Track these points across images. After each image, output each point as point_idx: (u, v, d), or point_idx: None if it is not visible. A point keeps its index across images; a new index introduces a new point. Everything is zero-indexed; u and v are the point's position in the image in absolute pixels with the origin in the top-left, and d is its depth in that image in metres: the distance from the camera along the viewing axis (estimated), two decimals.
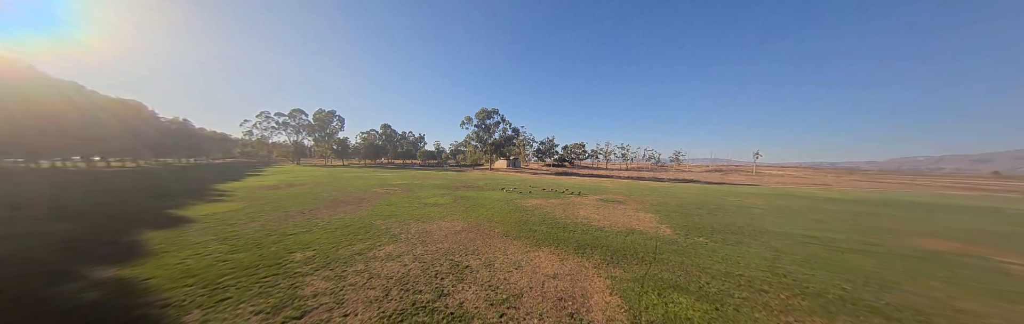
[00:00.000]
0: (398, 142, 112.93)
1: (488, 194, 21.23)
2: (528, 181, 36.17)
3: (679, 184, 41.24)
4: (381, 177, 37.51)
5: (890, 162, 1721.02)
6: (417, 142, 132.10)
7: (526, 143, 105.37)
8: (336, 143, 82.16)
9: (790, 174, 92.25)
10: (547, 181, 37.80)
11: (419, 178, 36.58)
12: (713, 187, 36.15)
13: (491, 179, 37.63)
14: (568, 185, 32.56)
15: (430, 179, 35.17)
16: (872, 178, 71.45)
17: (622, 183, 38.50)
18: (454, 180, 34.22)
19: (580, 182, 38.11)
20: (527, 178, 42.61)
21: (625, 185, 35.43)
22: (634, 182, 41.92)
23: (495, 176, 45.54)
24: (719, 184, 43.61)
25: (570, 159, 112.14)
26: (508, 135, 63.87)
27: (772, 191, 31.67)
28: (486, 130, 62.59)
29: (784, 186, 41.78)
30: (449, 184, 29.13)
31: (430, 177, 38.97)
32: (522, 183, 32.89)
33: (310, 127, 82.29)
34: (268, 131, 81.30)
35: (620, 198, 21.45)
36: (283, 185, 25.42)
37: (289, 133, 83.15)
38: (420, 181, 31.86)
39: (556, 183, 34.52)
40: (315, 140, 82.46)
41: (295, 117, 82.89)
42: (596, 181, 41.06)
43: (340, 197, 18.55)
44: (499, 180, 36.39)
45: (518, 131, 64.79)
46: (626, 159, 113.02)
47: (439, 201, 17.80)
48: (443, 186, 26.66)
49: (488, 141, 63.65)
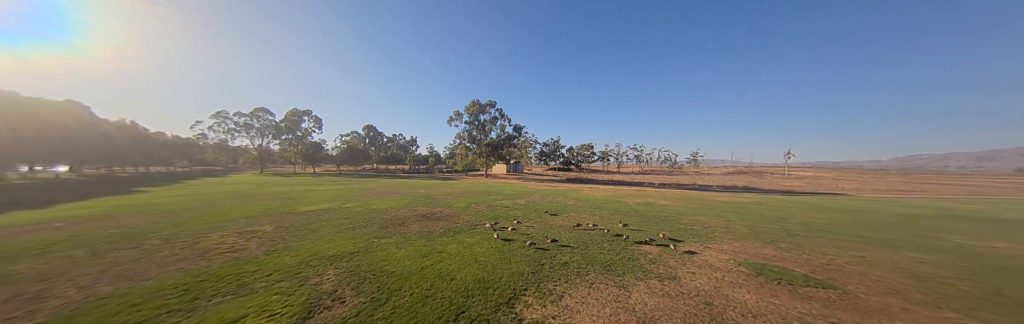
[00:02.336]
0: (385, 145, 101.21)
1: (451, 251, 9.09)
2: (537, 195, 24.06)
3: (755, 196, 29.06)
4: (306, 193, 25.51)
5: (894, 161, 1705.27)
6: (408, 146, 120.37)
7: (528, 144, 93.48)
8: (307, 147, 70.44)
9: (826, 176, 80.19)
10: (563, 192, 25.84)
11: (372, 194, 24.59)
12: (822, 201, 24.05)
13: (482, 192, 25.75)
14: (602, 203, 20.45)
15: (388, 195, 23.22)
16: (916, 180, 59.31)
17: (677, 196, 26.35)
18: (424, 197, 22.26)
19: (611, 195, 26.00)
20: (533, 188, 30.66)
21: (695, 201, 23.29)
22: (688, 193, 29.82)
23: (490, 186, 33.59)
24: (804, 194, 31.52)
25: (577, 162, 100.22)
26: (508, 134, 52.16)
27: (907, 205, 19.42)
28: (480, 128, 50.78)
29: (883, 195, 29.61)
30: (401, 210, 17.05)
31: (395, 190, 27.04)
32: (528, 200, 20.78)
33: (277, 129, 70.59)
34: (228, 134, 69.67)
35: (782, 254, 9.28)
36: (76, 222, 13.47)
37: (252, 136, 71.52)
38: (359, 202, 19.87)
39: (581, 198, 22.40)
40: (281, 144, 70.73)
41: (259, 117, 71.30)
42: (636, 194, 28.92)
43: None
44: (494, 193, 24.43)
45: (520, 130, 53.09)
46: (640, 161, 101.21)
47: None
48: (372, 221, 14.53)
49: (483, 141, 51.83)
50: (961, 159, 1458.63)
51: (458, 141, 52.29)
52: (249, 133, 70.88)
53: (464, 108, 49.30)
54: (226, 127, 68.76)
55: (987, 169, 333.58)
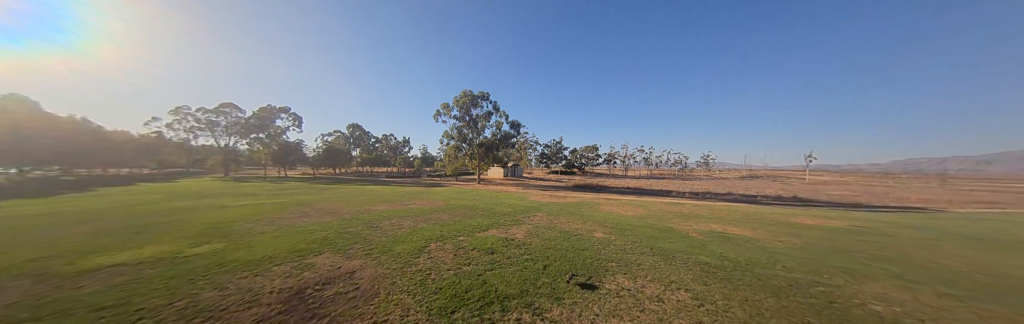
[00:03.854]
0: (372, 146, 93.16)
1: None
2: (542, 216, 16.06)
3: (829, 212, 21.09)
4: (193, 215, 17.69)
5: (894, 164, 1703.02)
6: (400, 146, 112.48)
7: (528, 145, 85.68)
8: (281, 146, 62.44)
9: (850, 181, 72.54)
10: (576, 208, 17.94)
11: (291, 217, 16.69)
12: (960, 226, 16.20)
13: (465, 209, 17.86)
14: (649, 234, 12.28)
15: (316, 217, 15.33)
16: (961, 186, 51.71)
17: (738, 215, 18.35)
18: (366, 224, 14.38)
19: (646, 212, 18.03)
20: (536, 201, 22.76)
21: (777, 227, 15.20)
22: (743, 209, 21.90)
23: (480, 197, 25.69)
24: (883, 209, 23.72)
25: (580, 165, 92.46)
26: (505, 132, 44.38)
27: None
28: (472, 124, 42.91)
29: (980, 209, 21.83)
30: (265, 269, 9.05)
31: (337, 208, 19.14)
32: (529, 229, 12.65)
33: (244, 127, 62.62)
34: (189, 132, 61.68)
35: None
36: None
37: (218, 134, 63.55)
38: (229, 242, 12.08)
39: (609, 222, 14.27)
40: (249, 143, 62.72)
41: (226, 114, 63.36)
42: (679, 212, 20.98)
43: None
44: (480, 213, 16.49)
45: (518, 127, 45.31)
46: (648, 164, 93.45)
47: None
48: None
49: (476, 140, 44.02)
50: (960, 163, 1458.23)
51: (447, 140, 44.45)
52: (214, 131, 62.95)
53: (453, 100, 41.37)
54: (187, 124, 60.82)
55: (977, 172, 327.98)
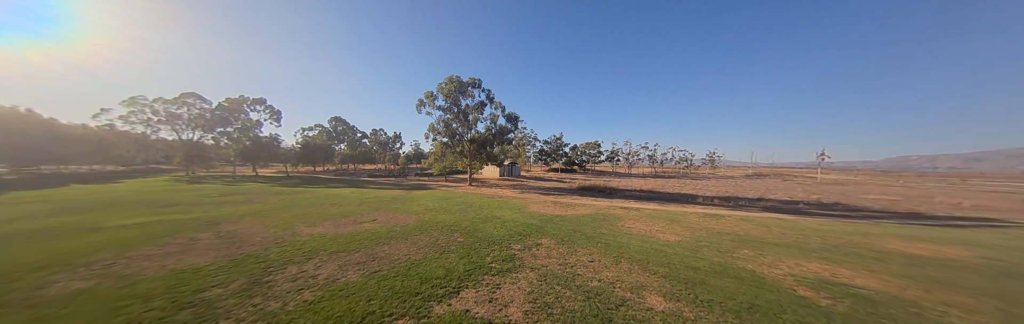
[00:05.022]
0: (358, 141, 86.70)
1: None
2: (546, 247, 10.13)
3: (912, 230, 15.56)
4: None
5: (886, 161, 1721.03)
6: (390, 143, 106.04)
7: (526, 141, 79.75)
8: (250, 140, 56.06)
9: (859, 180, 67.73)
10: (591, 225, 12.22)
11: (170, 254, 10.86)
12: None
13: (441, 230, 12.12)
14: (731, 297, 6.15)
15: (202, 254, 9.60)
16: (985, 185, 46.98)
17: (812, 238, 12.66)
18: (249, 278, 8.64)
19: (690, 236, 12.26)
20: (535, 213, 17.03)
21: (886, 261, 9.26)
22: (803, 224, 16.26)
23: (467, 207, 19.96)
24: (956, 223, 18.32)
25: (581, 162, 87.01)
26: (501, 127, 38.51)
27: None
28: (461, 117, 36.91)
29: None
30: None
31: (259, 230, 13.37)
32: (540, 312, 6.73)
33: (205, 120, 56.07)
34: (147, 126, 55.05)
35: None
36: None
37: (180, 128, 56.99)
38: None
39: (651, 260, 8.38)
40: (215, 138, 56.19)
41: (189, 105, 56.73)
42: (734, 232, 15.22)
43: None
44: (458, 237, 10.66)
45: (516, 120, 39.48)
46: (653, 161, 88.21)
47: None
48: None
49: (466, 136, 38.16)
50: (950, 160, 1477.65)
51: (433, 136, 38.54)
52: (175, 125, 56.33)
53: (437, 87, 35.27)
54: (143, 117, 54.13)
55: (967, 170, 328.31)
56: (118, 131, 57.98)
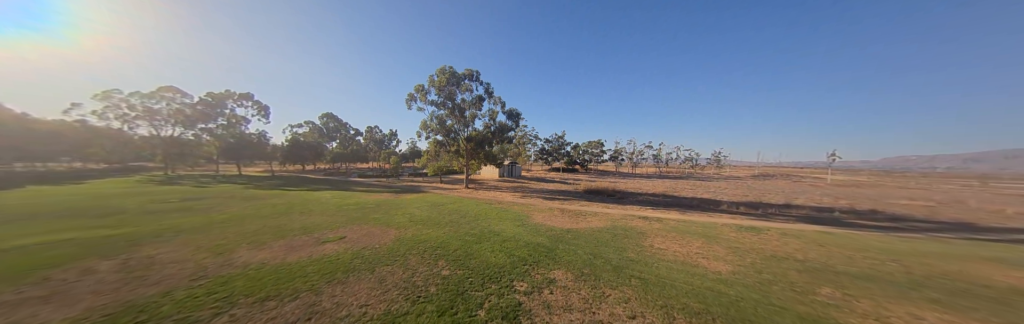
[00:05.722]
0: (351, 138, 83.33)
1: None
2: (575, 292, 7.06)
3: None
4: None
5: (883, 161, 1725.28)
6: (386, 140, 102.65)
7: (527, 140, 76.63)
8: (235, 138, 52.79)
9: (876, 183, 64.99)
10: (618, 252, 8.78)
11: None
12: None
13: (414, 259, 8.92)
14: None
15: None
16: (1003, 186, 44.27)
17: (876, 257, 9.52)
18: None
19: (732, 257, 8.87)
20: (540, 225, 13.82)
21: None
22: (861, 241, 13.17)
23: (462, 216, 16.83)
24: None
25: (583, 162, 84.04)
26: (500, 124, 35.34)
27: None
28: (456, 113, 33.67)
29: None
30: None
31: (136, 267, 10.23)
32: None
33: (184, 115, 52.72)
34: (123, 121, 51.68)
35: None
36: None
37: (158, 124, 53.64)
38: None
39: (733, 317, 5.24)
40: (196, 135, 52.88)
41: (169, 100, 53.35)
42: (751, 241, 12.09)
43: None
44: (445, 273, 7.24)
45: (517, 117, 36.32)
46: (658, 160, 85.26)
47: None
48: None
49: (463, 134, 35.00)
50: (948, 161, 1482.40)
51: (425, 133, 35.36)
52: (154, 120, 52.95)
53: (429, 80, 32.02)
54: (118, 112, 50.72)
55: (965, 170, 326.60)
56: (91, 127, 54.56)
